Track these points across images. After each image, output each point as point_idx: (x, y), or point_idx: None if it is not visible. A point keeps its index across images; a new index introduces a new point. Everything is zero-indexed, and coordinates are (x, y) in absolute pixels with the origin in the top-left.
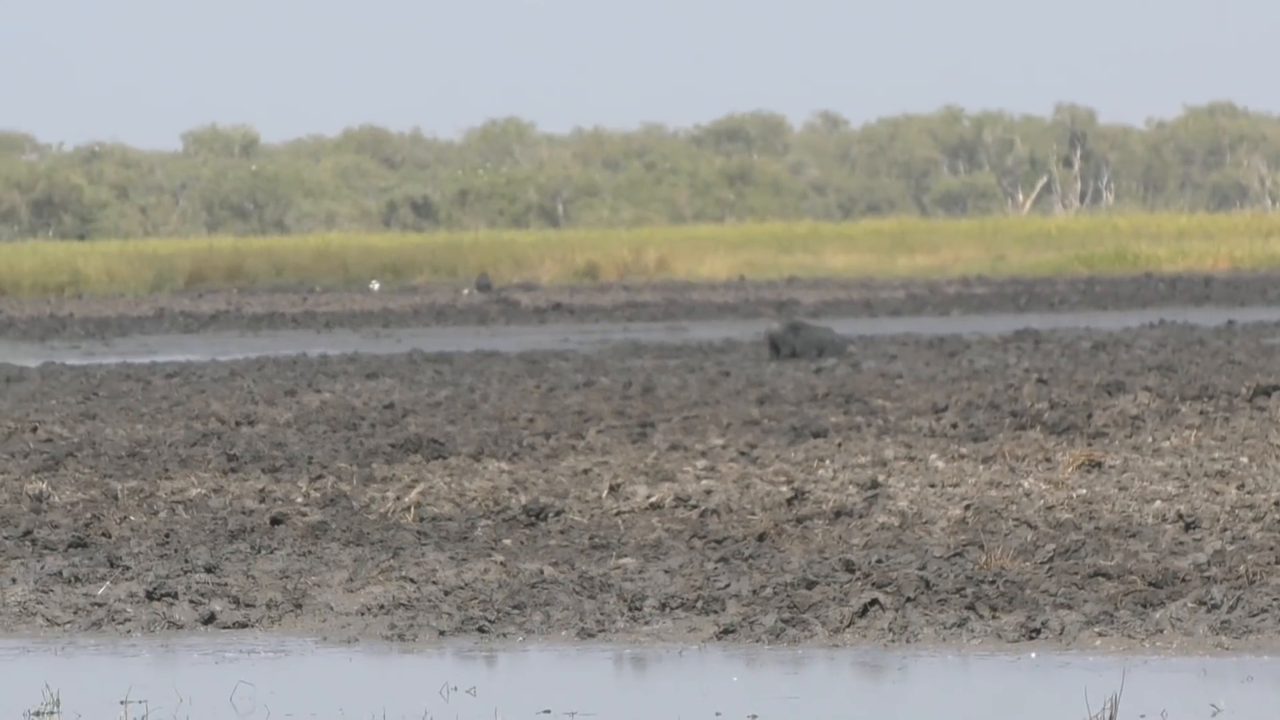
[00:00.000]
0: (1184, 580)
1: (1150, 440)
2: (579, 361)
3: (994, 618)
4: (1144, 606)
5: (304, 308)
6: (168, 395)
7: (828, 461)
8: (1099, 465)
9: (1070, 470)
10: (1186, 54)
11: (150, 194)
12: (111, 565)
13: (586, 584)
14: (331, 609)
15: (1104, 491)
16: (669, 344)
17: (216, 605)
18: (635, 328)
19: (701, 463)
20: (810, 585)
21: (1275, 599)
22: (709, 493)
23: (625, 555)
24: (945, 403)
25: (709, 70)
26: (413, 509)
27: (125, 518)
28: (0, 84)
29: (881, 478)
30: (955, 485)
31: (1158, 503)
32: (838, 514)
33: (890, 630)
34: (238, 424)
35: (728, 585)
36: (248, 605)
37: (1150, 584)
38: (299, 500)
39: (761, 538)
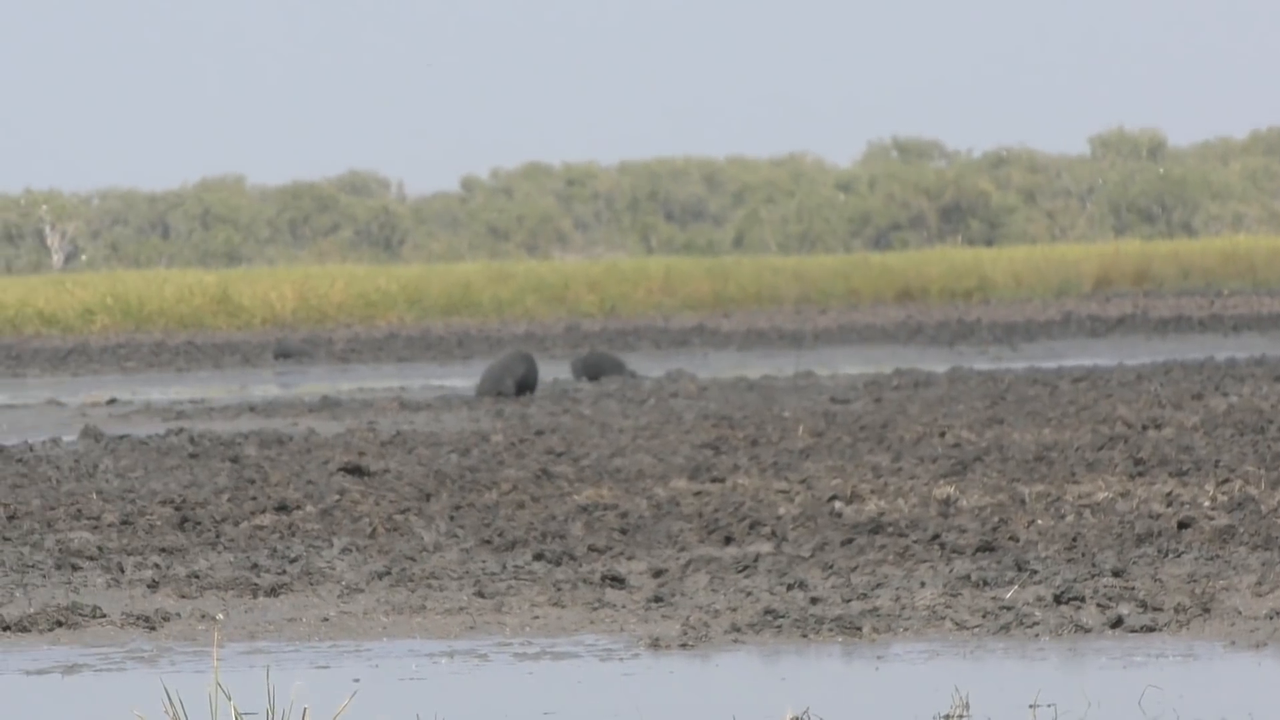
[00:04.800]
0: None
1: None
2: None
3: None
4: None
5: (1210, 311)
6: (1074, 400)
7: None
8: None
9: None
10: None
11: (1057, 198)
12: (1019, 569)
13: None
14: (1239, 613)
15: None
16: None
17: (1124, 609)
18: None
19: None
20: None
21: None
22: None
23: None
24: None
25: None
26: None
27: (1032, 521)
28: (912, 94)
29: None
30: None
31: None
32: None
33: None
34: (1144, 428)
35: None
36: (1155, 609)
37: None
38: (1206, 504)
39: None
